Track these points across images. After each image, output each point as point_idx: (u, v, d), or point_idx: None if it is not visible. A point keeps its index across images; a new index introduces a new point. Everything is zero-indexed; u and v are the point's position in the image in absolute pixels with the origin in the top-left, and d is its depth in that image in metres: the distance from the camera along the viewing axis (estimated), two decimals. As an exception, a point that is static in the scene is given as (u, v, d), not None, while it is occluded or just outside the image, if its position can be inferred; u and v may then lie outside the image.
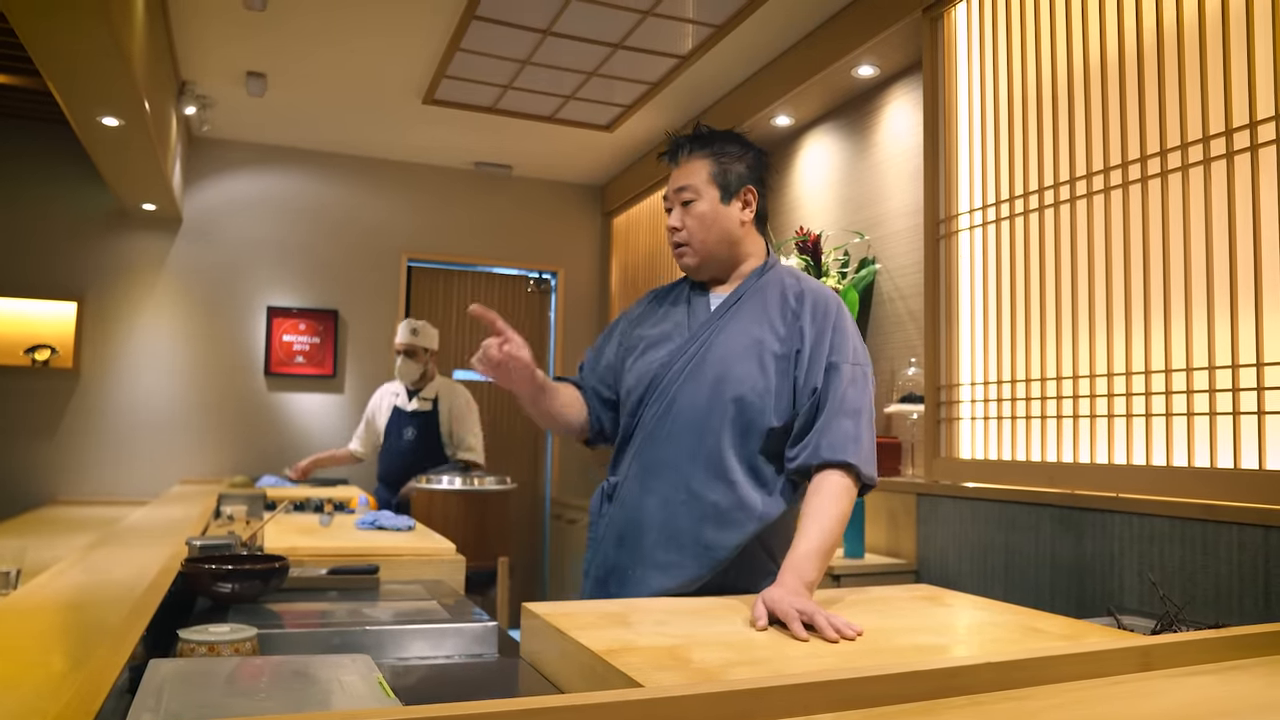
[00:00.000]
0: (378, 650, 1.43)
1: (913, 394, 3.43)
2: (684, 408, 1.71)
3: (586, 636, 1.18)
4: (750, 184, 1.79)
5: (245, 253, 5.57)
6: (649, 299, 1.95)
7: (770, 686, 0.87)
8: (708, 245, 1.78)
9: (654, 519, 1.70)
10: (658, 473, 1.72)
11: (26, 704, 0.87)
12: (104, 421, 5.25)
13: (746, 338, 1.72)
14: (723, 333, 1.74)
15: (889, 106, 3.82)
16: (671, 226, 1.80)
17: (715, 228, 1.77)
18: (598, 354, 1.94)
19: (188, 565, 1.70)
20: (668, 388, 1.74)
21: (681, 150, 1.81)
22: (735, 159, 1.79)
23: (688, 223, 1.78)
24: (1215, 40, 2.31)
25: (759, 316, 1.75)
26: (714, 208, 1.77)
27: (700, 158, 1.79)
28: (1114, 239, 2.57)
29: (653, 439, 1.74)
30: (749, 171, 1.79)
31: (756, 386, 1.68)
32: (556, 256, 6.31)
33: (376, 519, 2.87)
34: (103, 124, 3.78)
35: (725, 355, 1.71)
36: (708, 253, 1.79)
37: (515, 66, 4.32)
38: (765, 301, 1.76)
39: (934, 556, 3.05)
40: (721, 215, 1.78)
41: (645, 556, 1.71)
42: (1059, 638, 1.27)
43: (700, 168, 1.78)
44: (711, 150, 1.79)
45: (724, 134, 1.82)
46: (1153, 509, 2.32)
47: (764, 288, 1.78)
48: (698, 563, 1.67)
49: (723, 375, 1.70)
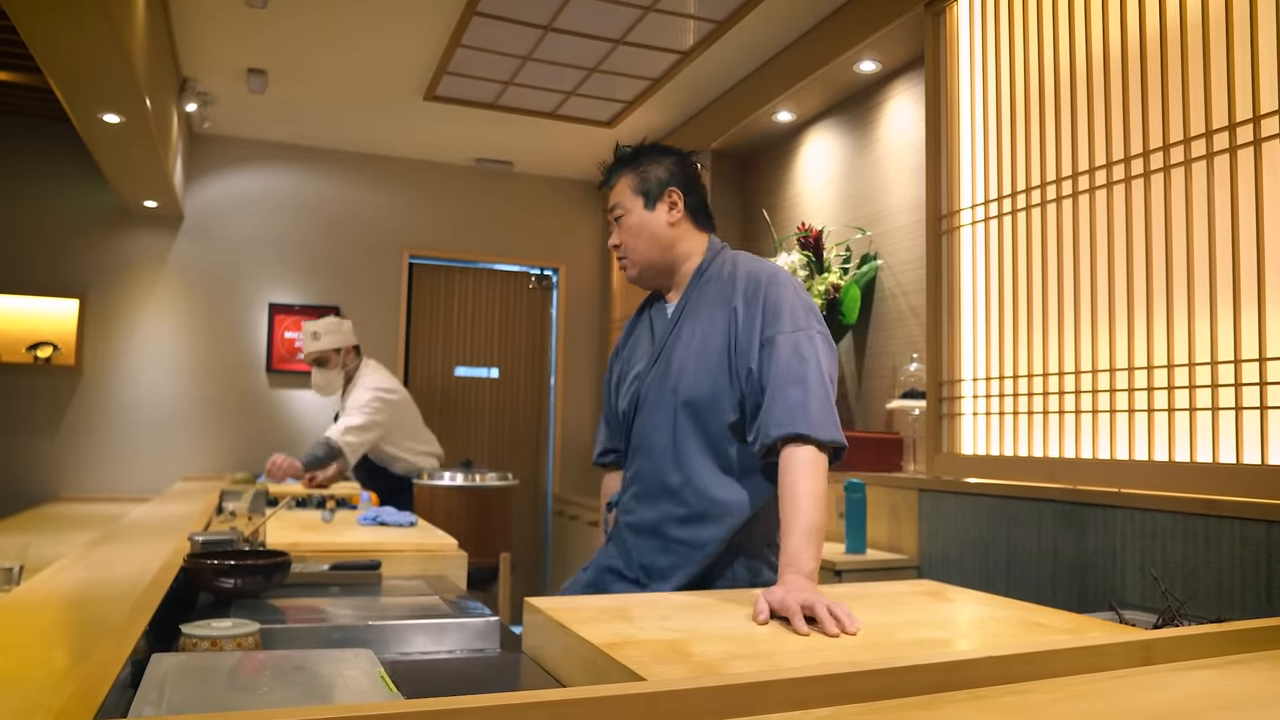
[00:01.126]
0: (380, 645, 1.43)
1: (915, 390, 3.43)
2: (653, 420, 1.79)
3: (588, 631, 1.18)
4: (671, 186, 1.85)
5: (246, 250, 5.57)
6: (626, 326, 2.03)
7: (771, 680, 0.87)
8: (640, 252, 1.85)
9: (642, 527, 1.78)
10: (643, 483, 1.80)
11: (30, 699, 0.87)
12: (106, 418, 5.26)
13: (696, 340, 1.77)
14: (676, 342, 1.80)
15: (891, 102, 3.82)
16: (612, 245, 1.90)
17: (643, 235, 1.84)
18: (608, 395, 2.02)
19: (190, 561, 1.70)
20: (641, 405, 1.82)
21: (610, 175, 1.91)
22: (655, 166, 1.87)
23: (622, 237, 1.87)
24: (1218, 34, 2.30)
25: (703, 315, 1.79)
26: (639, 216, 1.84)
27: (624, 175, 1.88)
28: (1116, 234, 2.56)
29: (638, 453, 1.83)
30: (669, 175, 1.86)
31: (704, 388, 1.72)
32: (558, 253, 6.30)
33: (378, 515, 2.88)
34: (104, 121, 3.78)
35: (681, 363, 1.77)
36: (644, 260, 1.86)
37: (516, 62, 4.32)
38: (707, 297, 1.81)
39: (936, 552, 3.04)
40: (647, 221, 1.84)
41: (634, 562, 1.79)
42: (1061, 632, 1.27)
43: (624, 185, 1.87)
44: (633, 166, 1.88)
45: (641, 148, 1.91)
46: (1155, 504, 2.32)
47: (705, 284, 1.83)
48: (686, 562, 1.72)
49: (675, 385, 1.76)
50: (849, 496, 3.15)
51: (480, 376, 6.21)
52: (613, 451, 2.00)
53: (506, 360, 6.26)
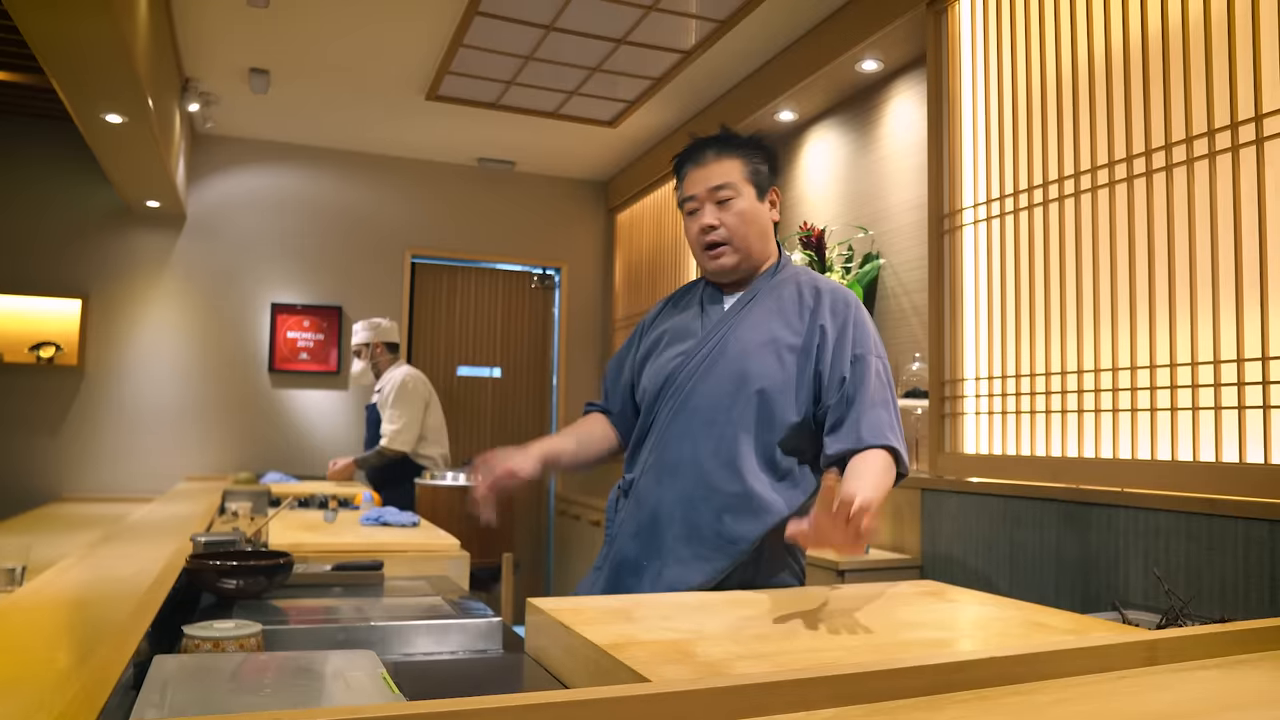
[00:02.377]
0: (382, 646, 1.43)
1: (917, 389, 3.43)
2: (701, 403, 1.73)
3: (591, 631, 1.18)
4: (775, 185, 1.84)
5: (249, 249, 5.58)
6: (664, 303, 1.97)
7: (776, 681, 0.87)
8: (748, 242, 1.79)
9: (673, 514, 1.71)
10: (675, 468, 1.73)
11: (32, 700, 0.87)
12: (109, 418, 5.26)
13: (763, 333, 1.74)
14: (738, 329, 1.76)
15: (893, 101, 3.81)
16: (708, 224, 1.78)
17: (755, 225, 1.80)
18: (619, 366, 1.97)
19: (192, 561, 1.70)
20: (683, 384, 1.75)
21: (709, 150, 1.81)
22: (762, 160, 1.82)
23: (727, 220, 1.78)
24: (1220, 32, 2.30)
25: (773, 313, 1.76)
26: (753, 205, 1.79)
27: (732, 157, 1.80)
28: (1119, 233, 2.56)
29: (669, 435, 1.75)
30: (772, 174, 1.83)
31: (777, 380, 1.70)
32: (560, 252, 6.30)
33: (381, 515, 2.88)
34: (106, 121, 3.79)
35: (743, 350, 1.73)
36: (747, 250, 1.80)
37: (518, 62, 4.32)
38: (780, 298, 1.78)
39: (939, 552, 3.04)
40: (760, 213, 1.81)
41: (665, 551, 1.71)
42: (1064, 633, 1.27)
43: (734, 167, 1.79)
44: (742, 151, 1.81)
45: (750, 138, 1.86)
46: (1158, 504, 2.32)
47: (778, 285, 1.80)
48: (720, 554, 1.67)
49: (743, 370, 1.71)
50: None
51: (483, 376, 6.21)
52: (607, 412, 1.95)
53: (509, 360, 6.26)
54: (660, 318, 1.93)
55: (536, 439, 1.83)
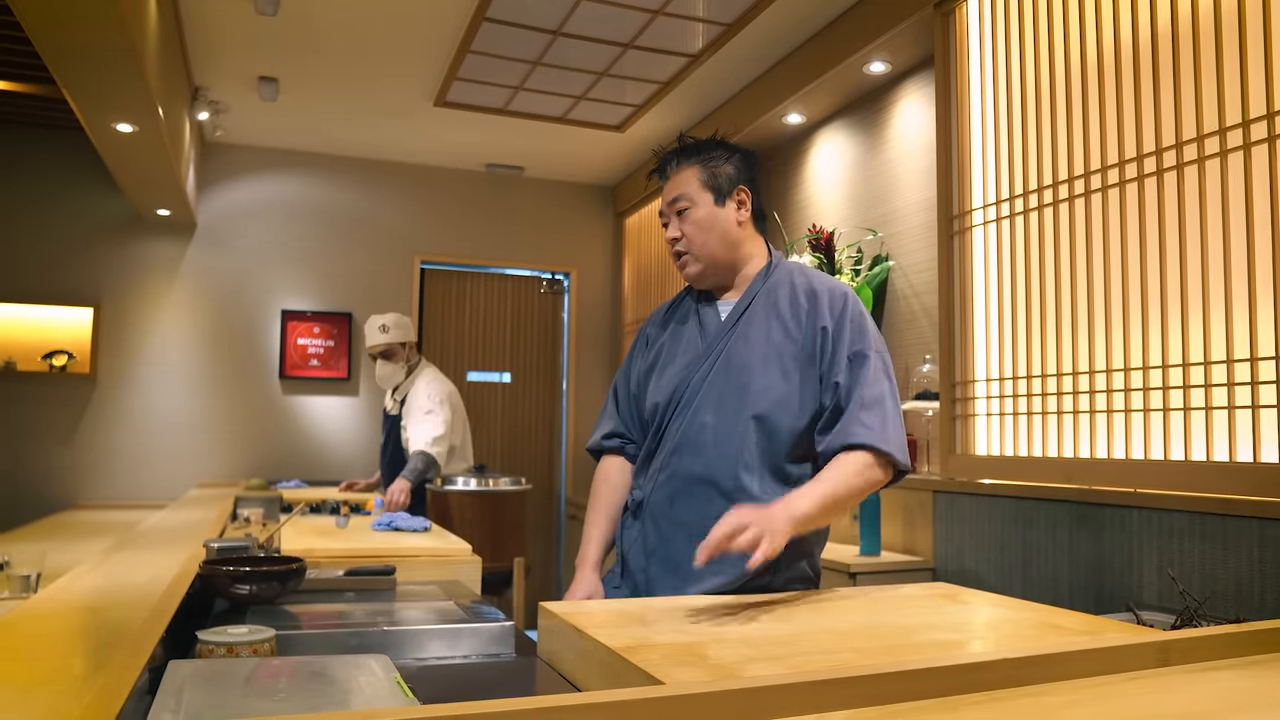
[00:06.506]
0: (395, 651, 1.43)
1: (928, 391, 3.42)
2: (708, 421, 1.73)
3: (604, 634, 1.18)
4: (741, 184, 1.81)
5: (259, 257, 5.60)
6: (657, 319, 1.96)
7: (789, 683, 0.87)
8: (709, 249, 1.80)
9: (685, 531, 1.70)
10: (686, 486, 1.73)
11: (49, 706, 0.88)
12: (121, 426, 5.29)
13: (765, 344, 1.73)
14: (739, 341, 1.75)
15: (901, 103, 3.81)
16: (671, 238, 1.82)
17: (714, 231, 1.79)
18: (626, 379, 1.95)
19: (206, 567, 1.71)
20: (690, 400, 1.75)
21: (670, 164, 1.85)
22: (723, 162, 1.81)
23: (686, 230, 1.80)
24: (1231, 30, 2.29)
25: (773, 319, 1.75)
26: (710, 211, 1.79)
27: (689, 166, 1.81)
28: (1130, 232, 2.55)
29: (678, 452, 1.75)
30: (738, 172, 1.81)
31: (778, 396, 1.70)
32: (569, 257, 6.31)
33: (393, 520, 2.88)
34: (117, 130, 3.81)
35: (746, 365, 1.73)
36: (710, 258, 1.80)
37: (526, 68, 4.33)
38: (776, 302, 1.77)
39: (951, 554, 3.03)
40: (718, 218, 1.79)
41: (678, 568, 1.71)
42: (1078, 634, 1.27)
43: (690, 176, 1.80)
44: (699, 158, 1.81)
45: (708, 141, 1.85)
46: (1171, 504, 2.31)
47: (773, 289, 1.79)
48: (733, 568, 1.65)
49: (745, 386, 1.71)
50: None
51: (492, 381, 6.22)
52: (619, 437, 1.93)
53: (518, 365, 6.27)
54: (659, 328, 1.93)
55: (581, 547, 1.91)
